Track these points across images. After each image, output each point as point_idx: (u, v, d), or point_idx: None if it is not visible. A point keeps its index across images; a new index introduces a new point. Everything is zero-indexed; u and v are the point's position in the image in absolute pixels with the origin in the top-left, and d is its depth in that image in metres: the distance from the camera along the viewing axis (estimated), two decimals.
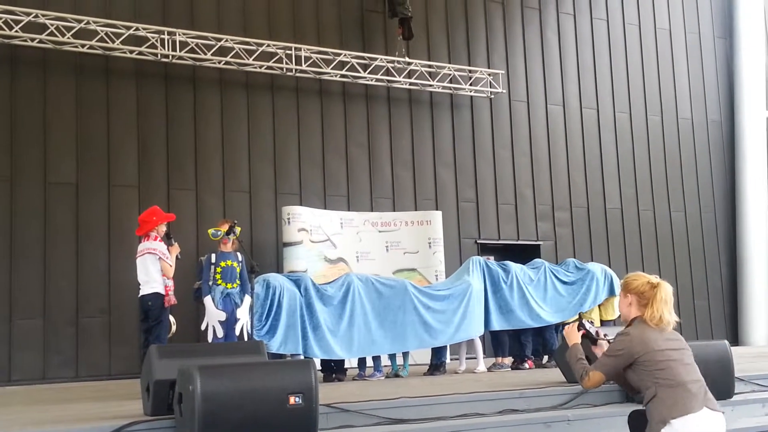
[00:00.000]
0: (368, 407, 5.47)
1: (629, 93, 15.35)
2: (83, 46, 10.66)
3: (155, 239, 7.47)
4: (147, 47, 10.99)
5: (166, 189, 11.25)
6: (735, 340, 15.16)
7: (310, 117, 12.42)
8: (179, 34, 11.13)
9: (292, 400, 4.50)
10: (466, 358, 9.63)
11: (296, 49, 11.97)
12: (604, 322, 10.08)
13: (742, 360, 8.70)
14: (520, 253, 12.63)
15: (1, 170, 10.36)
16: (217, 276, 7.87)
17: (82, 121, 10.92)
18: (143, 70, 11.29)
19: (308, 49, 12.08)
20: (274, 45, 11.84)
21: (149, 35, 10.98)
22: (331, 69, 12.26)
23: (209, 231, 8.18)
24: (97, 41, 10.67)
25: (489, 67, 13.82)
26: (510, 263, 9.81)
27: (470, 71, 13.52)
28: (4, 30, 10.17)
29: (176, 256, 7.62)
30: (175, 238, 7.74)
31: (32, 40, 10.37)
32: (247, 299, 7.78)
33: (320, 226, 11.27)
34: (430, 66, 13.17)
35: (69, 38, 10.50)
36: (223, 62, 11.53)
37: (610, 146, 14.98)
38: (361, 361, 8.92)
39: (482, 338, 9.73)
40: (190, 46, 11.25)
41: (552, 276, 9.86)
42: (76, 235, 10.65)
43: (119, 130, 11.11)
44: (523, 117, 14.24)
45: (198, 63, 11.44)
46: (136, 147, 11.19)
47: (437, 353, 9.22)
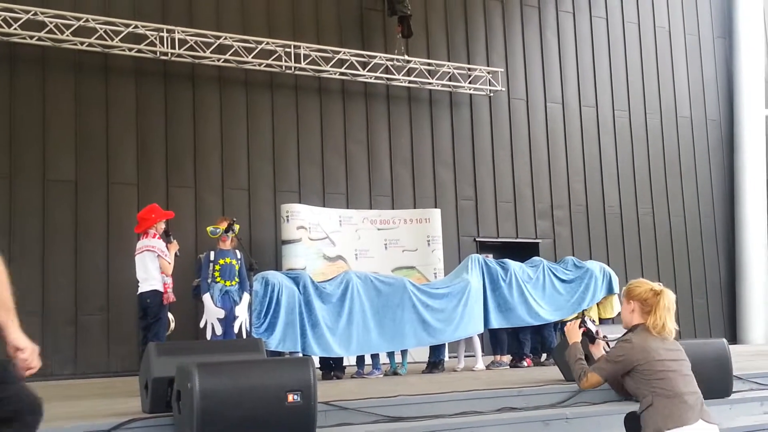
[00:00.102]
0: (367, 405, 5.47)
1: (628, 91, 15.35)
2: (82, 43, 10.66)
3: (154, 237, 7.47)
4: (146, 45, 10.99)
5: (165, 186, 11.25)
6: (733, 339, 15.17)
7: (309, 115, 12.42)
8: (178, 32, 11.12)
9: (291, 397, 4.50)
10: (464, 356, 9.63)
11: (295, 47, 11.97)
12: (603, 321, 10.10)
13: (741, 358, 8.70)
14: (518, 251, 12.63)
15: (0, 168, 10.35)
16: (216, 273, 7.86)
17: (81, 118, 10.92)
18: (142, 68, 11.29)
19: (307, 47, 12.07)
20: (274, 43, 11.84)
21: (148, 33, 10.98)
22: (331, 67, 12.26)
23: (208, 228, 8.18)
24: (96, 39, 10.66)
25: (488, 66, 13.82)
26: (509, 261, 9.81)
27: (469, 69, 13.52)
28: (3, 28, 10.16)
29: (175, 254, 7.62)
30: (174, 236, 7.74)
31: (31, 37, 10.37)
32: (245, 297, 7.78)
33: (319, 223, 11.27)
34: (429, 64, 13.17)
35: (68, 36, 10.50)
36: (222, 60, 11.53)
37: (608, 144, 14.99)
38: (360, 358, 8.92)
39: (481, 336, 9.73)
40: (189, 44, 11.24)
41: (550, 274, 9.86)
42: (75, 233, 10.65)
43: (118, 127, 11.11)
44: (522, 115, 14.25)
45: (197, 61, 11.43)
46: (135, 145, 11.19)
47: (435, 351, 9.23)
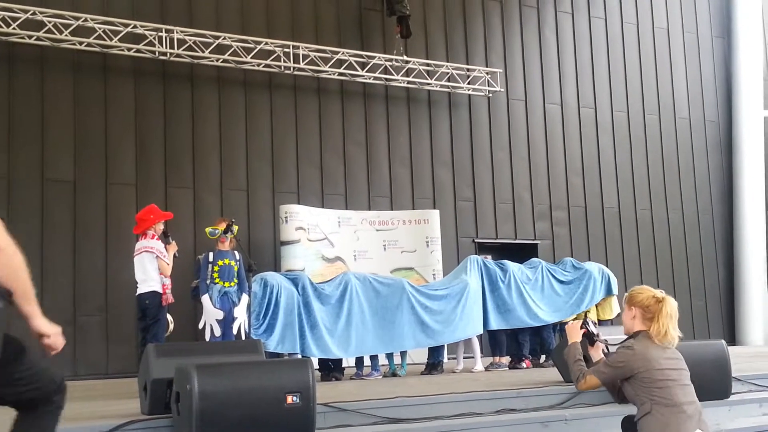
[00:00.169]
0: (366, 406, 5.47)
1: (627, 92, 15.36)
2: (81, 43, 10.64)
3: (153, 238, 7.46)
4: (145, 45, 10.98)
5: (164, 187, 11.24)
6: (732, 340, 15.18)
7: (307, 115, 12.41)
8: (177, 32, 11.11)
9: (290, 399, 4.50)
10: (463, 358, 9.63)
11: (294, 47, 11.96)
12: (601, 322, 10.08)
13: (740, 360, 8.70)
14: (517, 252, 12.63)
15: None
16: (215, 275, 7.85)
17: (80, 118, 10.90)
18: (141, 68, 11.28)
19: (306, 47, 12.07)
20: (272, 43, 11.83)
21: (147, 33, 10.97)
22: (329, 67, 12.25)
23: (207, 229, 8.18)
24: (94, 39, 10.65)
25: (487, 66, 13.82)
26: (507, 262, 9.80)
27: (468, 70, 13.52)
28: (2, 27, 10.15)
29: (174, 255, 7.61)
30: (173, 237, 7.73)
31: (30, 37, 10.35)
32: (244, 298, 7.78)
33: (318, 224, 11.26)
34: (428, 64, 13.17)
35: (67, 36, 10.48)
36: (221, 60, 11.52)
37: (607, 145, 14.99)
38: (359, 360, 8.91)
39: (480, 337, 9.72)
40: (188, 44, 11.23)
41: (549, 275, 9.86)
42: (73, 233, 10.64)
43: (117, 127, 11.10)
44: (521, 116, 14.24)
45: (196, 61, 11.42)
46: (134, 145, 11.18)
47: (434, 352, 9.22)
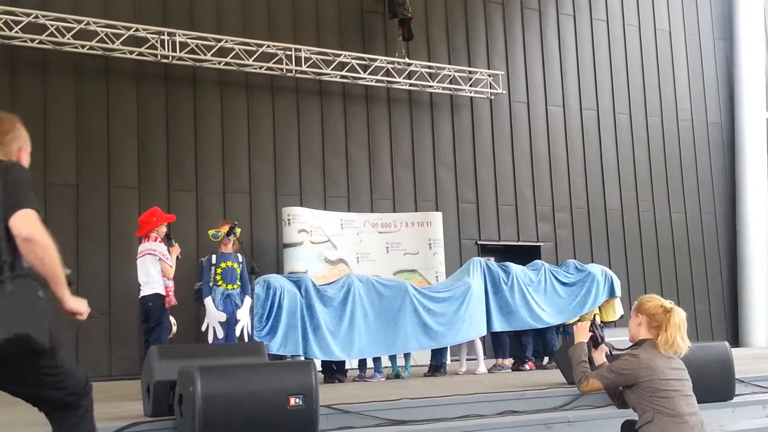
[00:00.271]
0: (369, 408, 5.46)
1: (629, 94, 15.35)
2: (83, 46, 10.66)
3: (155, 240, 7.46)
4: (147, 48, 10.99)
5: (167, 190, 11.25)
6: (735, 342, 15.16)
7: (310, 118, 12.42)
8: (179, 35, 11.13)
9: (293, 401, 4.49)
10: (466, 359, 9.62)
11: (296, 49, 11.97)
12: (604, 324, 10.07)
13: (743, 361, 8.69)
14: (520, 254, 12.63)
15: None
16: (218, 277, 7.86)
17: (82, 122, 10.92)
18: (143, 71, 11.29)
19: (308, 50, 12.08)
20: (274, 46, 11.84)
21: (149, 36, 10.99)
22: (331, 70, 12.26)
23: (209, 232, 8.18)
24: (97, 42, 10.67)
25: (489, 68, 13.82)
26: (510, 264, 9.80)
27: (470, 72, 13.52)
28: (5, 31, 10.17)
29: (176, 257, 7.62)
30: (176, 239, 7.74)
31: (32, 40, 10.37)
32: (247, 300, 7.78)
33: (320, 227, 11.26)
34: (430, 67, 13.17)
35: (69, 39, 10.50)
36: (223, 63, 11.53)
37: (610, 147, 14.98)
38: (362, 362, 8.91)
39: (483, 339, 9.72)
40: (190, 47, 11.25)
41: (552, 277, 9.85)
42: (76, 237, 10.64)
43: (119, 131, 11.11)
44: (523, 118, 14.24)
45: (198, 64, 11.44)
46: (137, 148, 11.19)
47: (437, 354, 9.22)
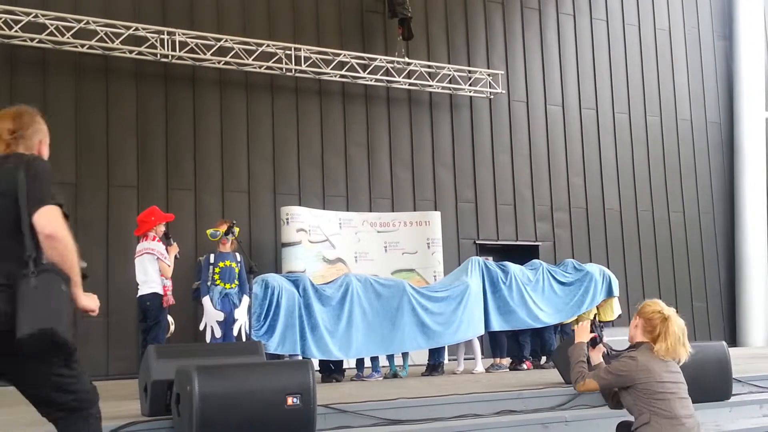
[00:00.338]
0: (366, 408, 5.48)
1: (629, 94, 15.35)
2: (83, 46, 10.66)
3: (153, 239, 7.47)
4: (147, 47, 11.00)
5: (165, 189, 11.26)
6: (733, 341, 15.17)
7: (309, 117, 12.43)
8: (179, 34, 11.13)
9: (290, 400, 4.50)
10: (464, 359, 9.63)
11: (296, 49, 11.98)
12: (602, 323, 10.08)
13: (740, 361, 8.70)
14: (518, 253, 12.63)
15: None
16: (216, 276, 7.86)
17: (82, 121, 10.92)
18: (143, 70, 11.30)
19: (308, 50, 12.08)
20: (274, 45, 11.84)
21: (149, 35, 10.99)
22: (331, 69, 12.26)
23: (208, 231, 8.18)
24: (96, 41, 10.67)
25: (488, 68, 13.83)
26: (509, 264, 9.81)
27: (470, 72, 13.53)
28: (4, 30, 10.17)
29: (175, 257, 7.62)
30: (174, 239, 7.74)
31: (32, 40, 10.38)
32: (245, 299, 7.78)
33: (319, 226, 11.27)
34: (429, 66, 13.18)
35: (69, 38, 10.50)
36: (223, 62, 11.54)
37: (609, 147, 14.99)
38: (360, 361, 8.92)
39: (480, 339, 9.73)
40: (189, 46, 11.25)
41: (550, 277, 9.86)
42: (74, 235, 10.53)
43: (118, 130, 11.11)
44: (522, 118, 14.25)
45: (197, 63, 11.44)
46: (136, 147, 11.20)
47: (435, 354, 9.23)
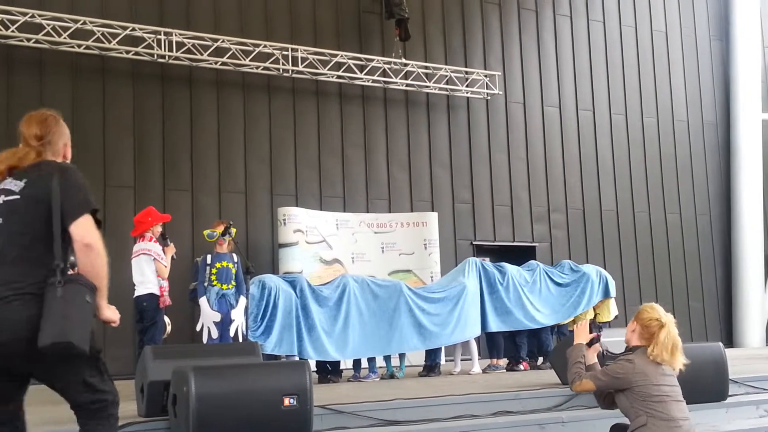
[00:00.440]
0: (363, 409, 5.47)
1: (625, 95, 15.37)
2: (79, 46, 10.66)
3: (150, 240, 7.46)
4: (143, 47, 10.99)
5: (162, 190, 11.25)
6: (729, 342, 15.18)
7: (306, 118, 12.42)
8: (176, 35, 11.13)
9: (287, 401, 4.50)
10: (461, 360, 9.63)
11: (293, 50, 11.98)
12: (599, 324, 10.08)
13: (737, 362, 8.71)
14: (515, 254, 12.64)
15: None
16: (213, 277, 7.87)
17: (78, 121, 10.86)
18: (140, 71, 11.29)
19: (305, 50, 12.08)
20: (271, 46, 11.84)
21: (146, 35, 10.98)
22: (328, 70, 12.27)
23: (205, 232, 8.18)
24: (93, 41, 10.67)
25: (485, 69, 13.84)
26: (506, 265, 9.81)
27: (467, 73, 13.54)
28: (1, 30, 10.17)
29: (171, 257, 7.61)
30: (171, 239, 7.73)
31: (28, 40, 10.37)
32: (242, 300, 7.79)
33: (316, 227, 11.27)
34: (426, 67, 13.18)
35: (65, 38, 10.50)
36: (220, 63, 11.53)
37: (606, 148, 15.01)
38: (356, 362, 8.91)
39: (477, 340, 9.74)
40: (186, 47, 11.25)
41: (547, 278, 9.86)
42: None
43: (115, 130, 11.10)
44: (519, 119, 14.26)
45: (194, 63, 11.44)
46: (132, 147, 11.19)
47: (431, 354, 9.22)
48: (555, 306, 9.73)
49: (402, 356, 9.17)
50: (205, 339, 7.77)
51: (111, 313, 3.25)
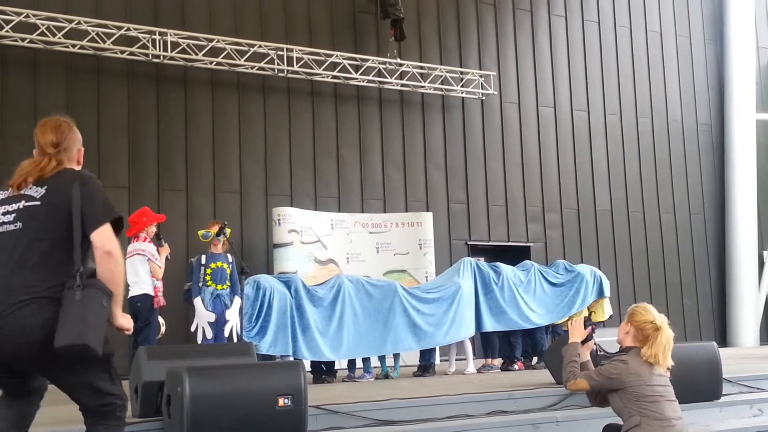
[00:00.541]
0: (357, 409, 5.48)
1: (620, 95, 15.40)
2: (74, 46, 10.63)
3: (145, 240, 7.47)
4: (138, 47, 10.97)
5: (157, 190, 11.23)
6: (723, 341, 15.22)
7: (301, 118, 12.42)
8: (170, 35, 11.12)
9: (281, 401, 4.50)
10: (456, 360, 9.64)
11: (288, 50, 11.97)
12: (594, 324, 10.11)
13: (731, 361, 8.73)
14: (510, 254, 12.66)
15: None
16: (207, 277, 7.87)
17: (73, 121, 10.87)
18: (134, 71, 11.27)
19: (300, 50, 12.08)
20: (266, 46, 11.83)
21: (140, 35, 10.97)
22: (323, 70, 12.26)
23: (199, 232, 8.18)
24: (88, 41, 10.65)
25: (480, 69, 13.85)
26: (501, 265, 9.83)
27: (461, 73, 13.55)
28: None
29: (166, 257, 7.62)
30: (165, 239, 7.74)
31: (23, 40, 10.34)
32: (236, 300, 7.78)
33: (311, 227, 11.27)
34: (421, 67, 13.19)
35: (60, 38, 10.47)
36: (215, 63, 11.52)
37: (600, 148, 15.03)
38: (351, 362, 8.91)
39: (472, 339, 9.74)
40: (181, 47, 11.23)
41: (541, 278, 9.88)
42: None
43: (110, 130, 11.08)
44: (514, 119, 14.28)
45: (189, 64, 11.42)
46: (127, 147, 11.17)
47: (426, 354, 9.23)
48: (549, 306, 9.75)
49: (396, 356, 9.17)
50: (199, 339, 7.77)
51: (125, 321, 3.33)
